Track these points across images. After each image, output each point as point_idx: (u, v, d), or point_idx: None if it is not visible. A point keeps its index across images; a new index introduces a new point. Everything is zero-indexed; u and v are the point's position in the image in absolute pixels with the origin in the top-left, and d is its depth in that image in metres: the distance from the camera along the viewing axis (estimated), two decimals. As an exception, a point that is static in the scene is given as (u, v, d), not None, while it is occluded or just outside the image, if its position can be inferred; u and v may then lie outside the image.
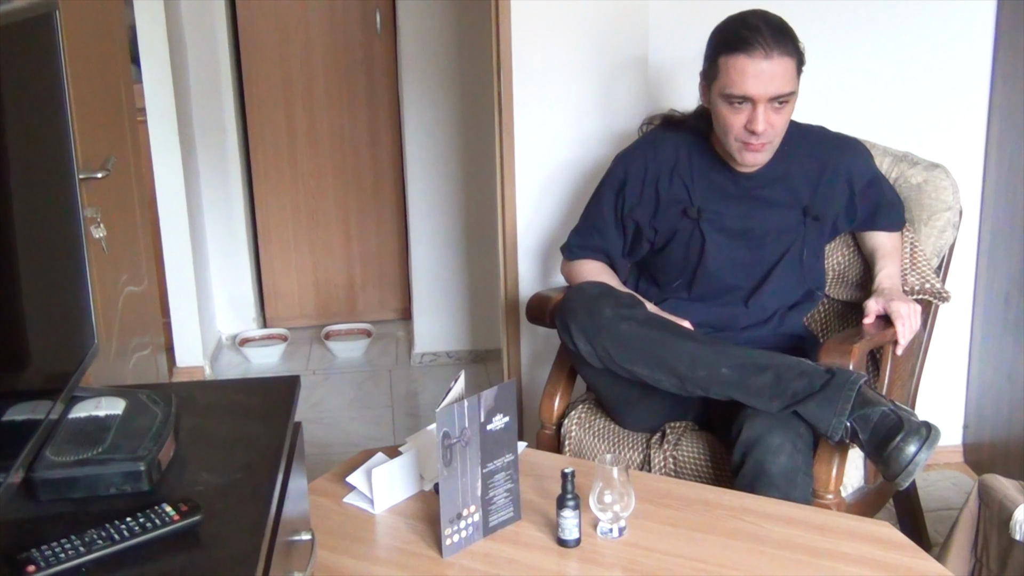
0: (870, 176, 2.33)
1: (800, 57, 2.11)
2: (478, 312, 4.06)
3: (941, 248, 2.40)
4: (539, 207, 2.84)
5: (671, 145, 2.30)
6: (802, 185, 2.26)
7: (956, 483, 2.96)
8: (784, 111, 2.11)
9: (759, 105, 2.07)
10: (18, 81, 1.27)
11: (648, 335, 2.09)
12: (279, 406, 1.50)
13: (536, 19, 2.71)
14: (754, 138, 2.10)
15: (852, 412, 1.95)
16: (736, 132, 2.12)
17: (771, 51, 2.04)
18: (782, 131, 2.14)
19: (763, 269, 2.28)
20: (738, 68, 2.06)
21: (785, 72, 2.07)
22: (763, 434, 1.98)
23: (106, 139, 2.46)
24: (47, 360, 1.37)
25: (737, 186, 2.25)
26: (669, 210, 2.29)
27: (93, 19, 2.39)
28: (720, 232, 2.26)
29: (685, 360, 2.06)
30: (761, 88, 2.05)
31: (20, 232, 1.25)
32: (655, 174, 2.29)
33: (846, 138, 2.34)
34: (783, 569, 1.72)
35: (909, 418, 1.92)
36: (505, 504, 1.84)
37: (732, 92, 2.07)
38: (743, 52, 2.05)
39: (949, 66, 2.85)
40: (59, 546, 1.13)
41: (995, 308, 2.90)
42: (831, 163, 2.27)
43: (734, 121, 2.11)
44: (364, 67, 4.24)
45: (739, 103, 2.08)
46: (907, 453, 1.88)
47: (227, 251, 4.25)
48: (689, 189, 2.27)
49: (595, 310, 2.11)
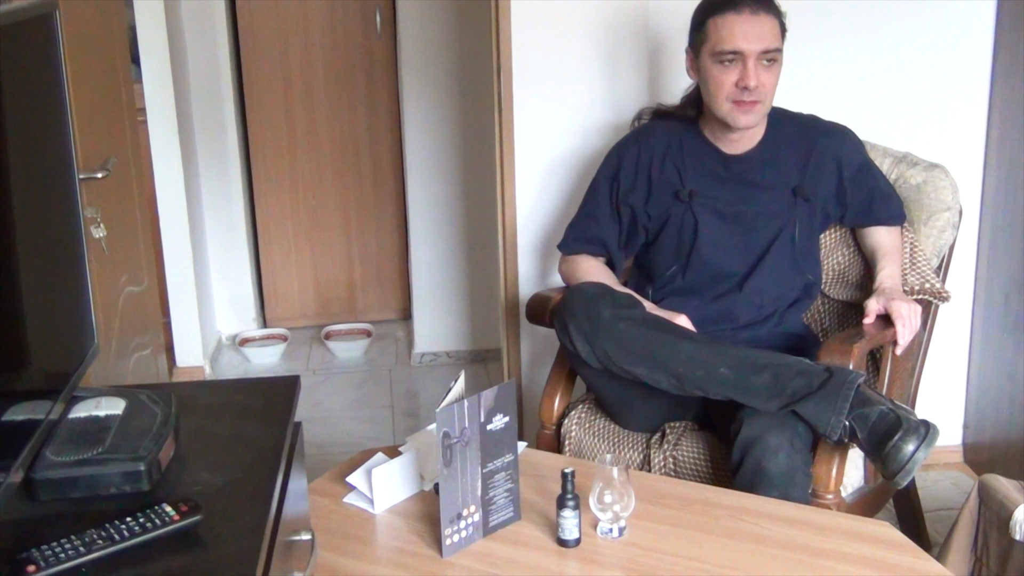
0: (859, 162, 2.36)
1: (782, 20, 2.20)
2: (478, 312, 4.06)
3: (941, 248, 2.40)
4: (539, 207, 2.84)
5: (662, 132, 2.37)
6: (791, 167, 2.31)
7: (956, 483, 2.97)
8: (773, 69, 2.18)
9: (749, 59, 2.15)
10: (18, 81, 1.27)
11: (646, 335, 2.10)
12: (279, 406, 1.50)
13: (536, 19, 2.71)
14: (746, 94, 2.16)
15: (851, 411, 1.95)
16: (728, 91, 2.18)
17: (757, 9, 2.15)
18: (771, 92, 2.21)
19: (756, 253, 2.30)
20: (727, 24, 2.16)
21: (772, 28, 2.17)
22: (761, 433, 1.98)
23: (106, 139, 2.46)
24: (47, 360, 1.37)
25: (728, 169, 2.30)
26: (662, 194, 2.33)
27: (93, 19, 2.39)
28: (712, 214, 2.29)
29: (683, 360, 2.07)
30: (751, 43, 2.14)
31: (20, 232, 1.25)
32: (648, 160, 2.35)
33: (835, 124, 2.39)
34: (783, 569, 1.72)
35: (907, 417, 1.92)
36: (505, 504, 1.84)
37: (724, 48, 2.16)
38: (731, 10, 2.16)
39: (949, 66, 2.85)
40: (59, 546, 1.13)
41: (995, 308, 2.90)
42: (819, 145, 2.32)
43: (725, 79, 2.18)
44: (364, 67, 4.24)
45: (730, 60, 2.16)
46: (905, 452, 1.89)
47: (227, 251, 4.25)
48: (681, 173, 2.32)
49: (593, 311, 2.12)
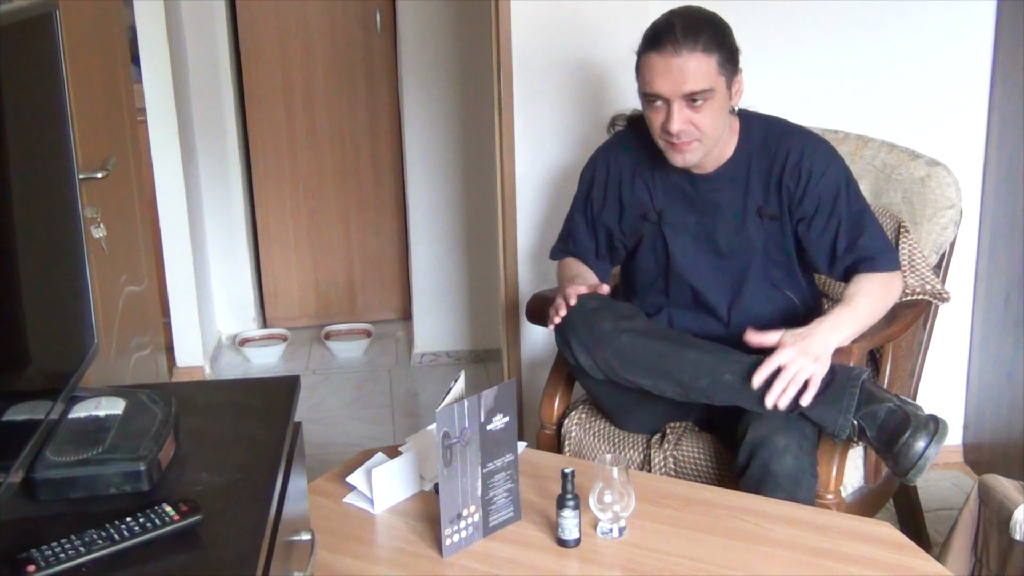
0: (833, 179, 2.13)
1: (727, 53, 2.04)
2: (478, 312, 4.05)
3: (941, 245, 2.39)
4: (539, 207, 2.84)
5: (634, 147, 2.25)
6: (757, 184, 2.16)
7: (956, 483, 2.97)
8: (705, 109, 2.03)
9: (673, 103, 2.02)
10: (18, 81, 1.27)
11: (649, 346, 2.07)
12: (279, 406, 1.50)
13: (536, 19, 2.71)
14: (673, 137, 2.05)
15: (858, 409, 1.94)
16: (657, 131, 2.08)
17: (680, 48, 1.99)
18: (712, 130, 2.06)
19: (734, 278, 2.20)
20: (648, 65, 2.03)
21: (698, 69, 2.00)
22: (769, 435, 1.96)
23: (106, 139, 2.46)
24: (47, 360, 1.37)
25: (696, 189, 2.19)
26: (632, 213, 2.26)
27: (93, 19, 2.39)
28: (684, 235, 2.21)
29: (687, 369, 2.04)
30: (671, 86, 2.00)
31: (20, 232, 1.25)
32: (617, 177, 2.27)
33: (801, 130, 2.19)
34: (783, 569, 1.72)
35: (916, 413, 1.91)
36: (505, 504, 1.84)
37: (646, 90, 2.05)
38: (653, 50, 2.02)
39: (949, 66, 2.85)
40: (59, 546, 1.13)
41: (995, 308, 2.89)
42: (780, 155, 2.14)
43: (654, 120, 2.07)
44: (364, 67, 4.24)
45: (656, 102, 2.04)
46: (917, 449, 1.88)
47: (227, 251, 4.25)
48: (651, 191, 2.23)
49: (594, 324, 2.09)
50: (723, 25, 2.07)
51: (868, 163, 2.47)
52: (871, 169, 2.46)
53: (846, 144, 2.49)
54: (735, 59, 2.07)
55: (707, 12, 2.08)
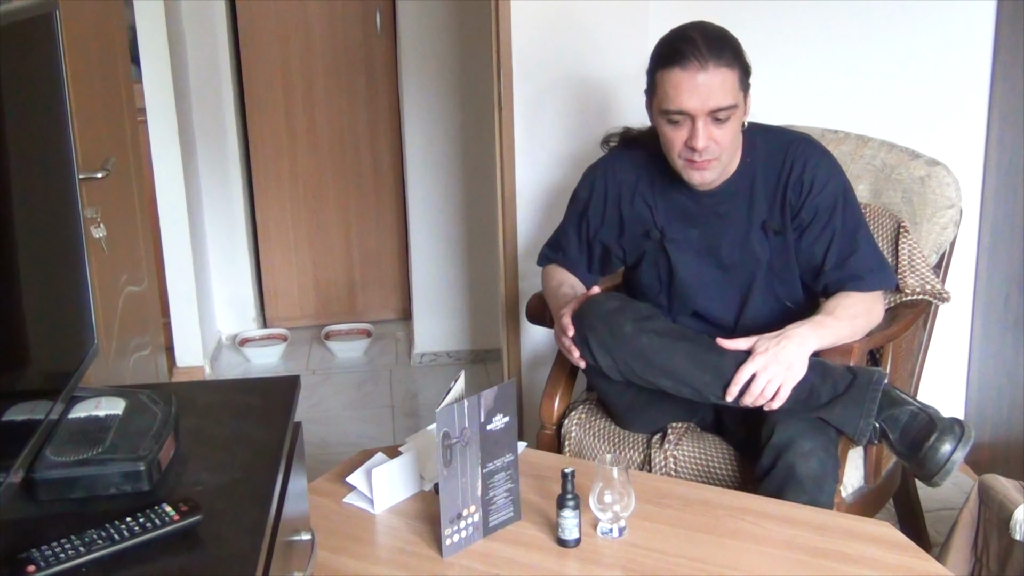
0: (832, 192, 2.11)
1: (744, 69, 2.02)
2: (478, 312, 4.06)
3: (941, 245, 2.39)
4: (539, 207, 2.84)
5: (631, 164, 2.22)
6: (761, 198, 2.13)
7: (956, 483, 2.96)
8: (728, 126, 2.00)
9: (698, 120, 1.98)
10: (18, 81, 1.27)
11: (670, 347, 2.04)
12: (279, 406, 1.50)
13: (536, 19, 2.71)
14: (696, 155, 2.01)
15: (880, 413, 1.94)
16: (678, 149, 2.03)
17: (706, 63, 1.95)
18: (731, 146, 2.04)
19: (738, 293, 2.18)
20: (673, 82, 1.98)
21: (723, 84, 1.97)
22: (795, 437, 1.94)
23: (106, 139, 2.46)
24: (47, 360, 1.37)
25: (699, 205, 2.15)
26: (633, 231, 2.23)
27: (93, 19, 2.39)
28: (687, 252, 2.18)
29: (709, 371, 2.02)
30: (697, 102, 1.96)
31: (20, 232, 1.25)
32: (616, 195, 2.23)
33: (805, 140, 2.17)
34: (783, 569, 1.72)
35: (939, 416, 1.91)
36: (505, 504, 1.84)
37: (669, 108, 1.99)
38: (677, 65, 1.97)
39: (949, 66, 2.85)
40: (59, 546, 1.13)
41: (995, 308, 2.90)
42: (784, 168, 2.12)
43: (675, 138, 2.02)
44: (364, 67, 4.24)
45: (678, 119, 2.00)
46: (944, 452, 1.88)
47: (227, 251, 4.25)
48: (652, 209, 2.20)
49: (615, 325, 2.06)
50: (736, 40, 2.05)
51: (868, 163, 2.47)
52: (871, 169, 2.46)
53: (846, 144, 2.49)
54: (750, 74, 2.05)
55: (719, 27, 2.05)
